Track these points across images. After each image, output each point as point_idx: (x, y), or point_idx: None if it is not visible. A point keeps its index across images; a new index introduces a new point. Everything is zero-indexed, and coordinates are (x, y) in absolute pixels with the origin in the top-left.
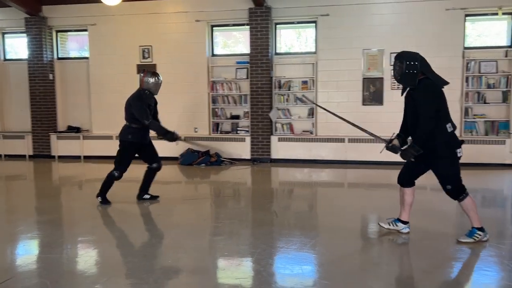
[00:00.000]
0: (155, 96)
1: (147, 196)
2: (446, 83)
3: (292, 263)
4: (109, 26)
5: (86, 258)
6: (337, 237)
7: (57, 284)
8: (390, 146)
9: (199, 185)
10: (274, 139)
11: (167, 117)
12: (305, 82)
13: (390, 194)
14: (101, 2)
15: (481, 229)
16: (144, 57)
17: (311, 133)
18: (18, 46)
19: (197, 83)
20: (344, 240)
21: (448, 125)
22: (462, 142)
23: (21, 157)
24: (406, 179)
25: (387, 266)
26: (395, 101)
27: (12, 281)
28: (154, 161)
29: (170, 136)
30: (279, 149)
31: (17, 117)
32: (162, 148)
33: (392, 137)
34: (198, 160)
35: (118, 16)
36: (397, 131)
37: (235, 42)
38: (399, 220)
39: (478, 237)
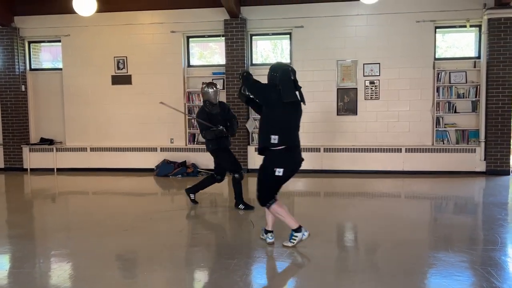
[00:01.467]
0: (221, 104)
1: (241, 207)
2: (294, 99)
3: (269, 273)
4: (83, 36)
5: (60, 272)
6: (313, 246)
7: None
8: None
9: (175, 196)
10: (251, 149)
11: (142, 128)
12: None
13: (364, 203)
14: (75, 13)
15: (297, 230)
16: (119, 68)
17: None
18: None
19: (173, 94)
20: (320, 249)
21: (274, 137)
22: (295, 163)
23: None
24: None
25: (362, 273)
26: (368, 111)
27: None
28: (229, 172)
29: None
30: (256, 159)
31: None
32: (138, 159)
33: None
34: (174, 171)
35: (92, 27)
36: (371, 140)
37: (211, 53)
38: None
39: (295, 239)
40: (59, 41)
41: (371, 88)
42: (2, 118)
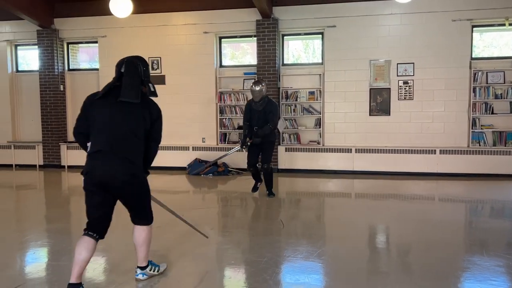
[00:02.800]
0: (267, 104)
1: (258, 185)
2: (101, 94)
3: (299, 272)
4: (119, 38)
5: (95, 265)
6: (344, 247)
7: None
8: None
9: (206, 194)
10: (281, 149)
11: (176, 128)
12: (312, 93)
13: (397, 205)
14: (111, 14)
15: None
16: (153, 68)
17: (318, 143)
18: (30, 58)
19: (205, 94)
20: (351, 250)
21: (89, 144)
22: (86, 173)
23: (32, 166)
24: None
25: (394, 275)
26: (402, 111)
27: None
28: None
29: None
30: (286, 159)
31: (28, 127)
32: (171, 158)
33: None
34: (205, 170)
35: (127, 28)
36: (404, 141)
37: (243, 53)
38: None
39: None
40: (96, 42)
41: (404, 88)
42: (42, 117)
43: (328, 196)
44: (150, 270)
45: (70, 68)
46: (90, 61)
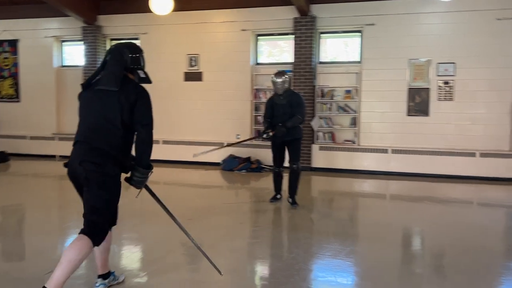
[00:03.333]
0: (291, 96)
1: (290, 200)
2: (84, 84)
3: (325, 269)
4: (159, 34)
5: (128, 253)
6: (374, 247)
7: None
8: None
9: (239, 190)
10: (315, 147)
11: (211, 124)
12: (348, 91)
13: (432, 207)
14: (152, 12)
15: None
16: (191, 65)
17: (354, 142)
18: (75, 54)
19: (240, 91)
20: (381, 250)
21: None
22: (65, 165)
23: None
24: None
25: (427, 279)
26: (441, 112)
27: None
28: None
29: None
30: (320, 158)
31: (72, 119)
32: (206, 154)
33: None
34: (239, 166)
35: (168, 26)
36: (442, 142)
37: (280, 51)
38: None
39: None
40: (138, 38)
41: (445, 89)
42: None
43: (362, 196)
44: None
45: None
46: None
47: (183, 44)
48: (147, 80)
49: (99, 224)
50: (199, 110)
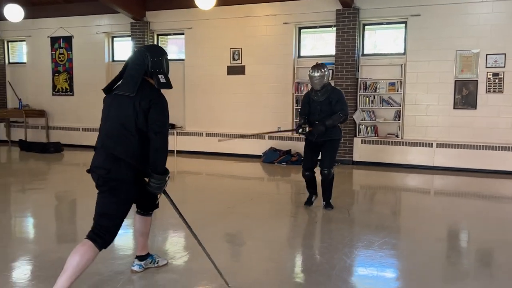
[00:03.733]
0: (331, 93)
1: (313, 199)
2: (106, 89)
3: (357, 259)
4: (203, 29)
5: (172, 239)
6: (410, 241)
7: None
8: None
9: (279, 182)
10: (357, 141)
11: (252, 117)
12: (392, 84)
13: (478, 203)
14: (197, 7)
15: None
16: (234, 59)
17: (397, 136)
18: (124, 49)
19: (282, 84)
20: (417, 243)
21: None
22: (88, 170)
23: None
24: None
25: (473, 275)
26: (490, 105)
27: None
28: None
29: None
30: (362, 151)
31: None
32: (247, 146)
33: None
34: (279, 158)
35: (211, 20)
36: (491, 136)
37: (322, 43)
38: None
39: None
40: (183, 33)
41: (494, 81)
42: None
43: (404, 190)
44: None
45: None
46: (178, 52)
47: (226, 38)
48: (167, 85)
49: (107, 228)
50: (241, 103)
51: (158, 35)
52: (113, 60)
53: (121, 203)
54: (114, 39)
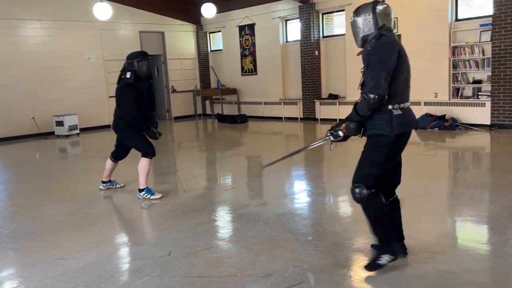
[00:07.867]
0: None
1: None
2: None
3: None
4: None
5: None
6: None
7: None
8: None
9: (432, 149)
10: None
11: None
12: None
13: None
14: None
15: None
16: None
17: None
18: (294, 30)
19: (438, 49)
20: None
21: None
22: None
23: (295, 119)
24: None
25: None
26: None
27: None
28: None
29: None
30: None
31: (294, 87)
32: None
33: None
34: (431, 124)
35: None
36: None
37: (482, 2)
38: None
39: (141, 197)
40: (343, 10)
41: None
42: (302, 78)
43: None
44: (144, 194)
45: (324, 35)
46: (340, 28)
47: None
48: (127, 79)
49: (140, 148)
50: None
51: (323, 14)
52: (286, 41)
53: (132, 139)
54: (288, 21)
